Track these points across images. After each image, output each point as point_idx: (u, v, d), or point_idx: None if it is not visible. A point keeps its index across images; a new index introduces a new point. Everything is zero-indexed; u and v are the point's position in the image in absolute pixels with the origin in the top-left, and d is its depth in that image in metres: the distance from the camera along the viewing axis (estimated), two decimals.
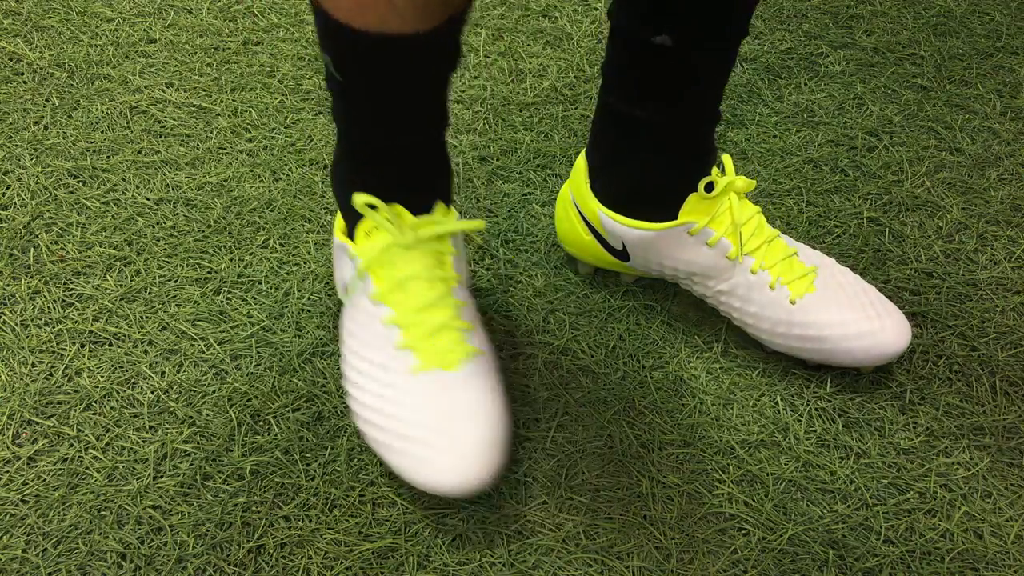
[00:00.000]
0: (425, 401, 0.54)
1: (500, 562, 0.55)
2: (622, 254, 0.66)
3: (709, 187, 0.61)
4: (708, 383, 0.65)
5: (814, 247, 0.74)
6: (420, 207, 0.57)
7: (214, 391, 0.63)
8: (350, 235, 0.60)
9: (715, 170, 0.63)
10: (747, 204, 0.62)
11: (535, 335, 0.67)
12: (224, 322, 0.67)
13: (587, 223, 0.66)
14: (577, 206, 0.67)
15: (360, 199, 0.53)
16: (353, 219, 0.59)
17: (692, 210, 0.62)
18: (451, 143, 0.82)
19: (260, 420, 0.61)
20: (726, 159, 0.62)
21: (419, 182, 0.57)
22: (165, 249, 0.72)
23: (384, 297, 0.56)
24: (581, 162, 0.66)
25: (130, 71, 0.87)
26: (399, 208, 0.56)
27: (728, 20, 0.54)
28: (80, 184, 0.77)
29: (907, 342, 0.61)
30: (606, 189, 0.64)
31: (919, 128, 0.86)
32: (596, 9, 0.98)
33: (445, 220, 0.57)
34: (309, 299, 0.69)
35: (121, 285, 0.69)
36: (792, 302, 0.62)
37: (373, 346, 0.56)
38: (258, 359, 0.65)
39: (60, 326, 0.66)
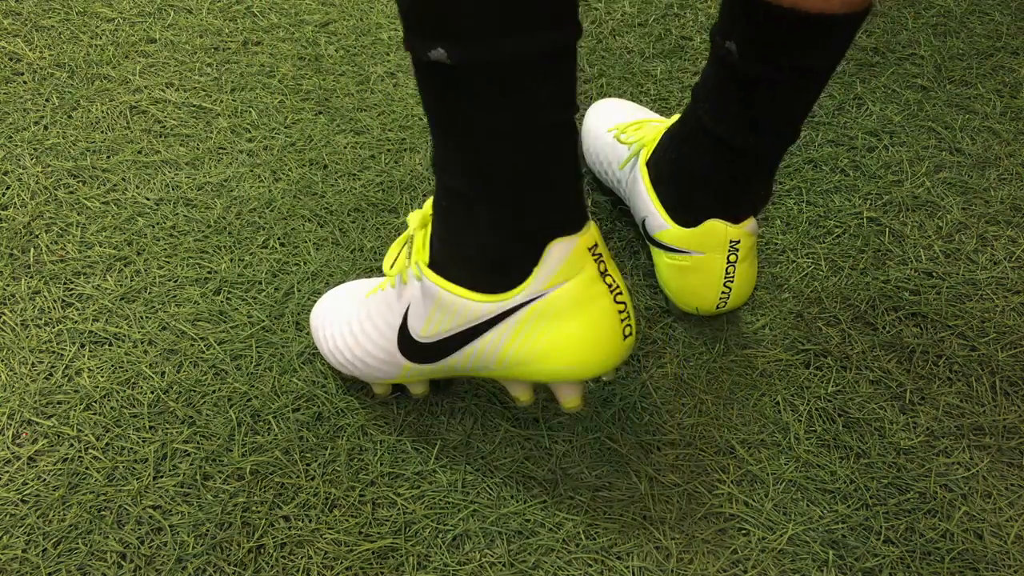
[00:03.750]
0: None
1: (500, 562, 0.55)
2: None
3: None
4: (708, 383, 0.65)
5: (814, 247, 0.74)
6: None
7: (214, 391, 0.63)
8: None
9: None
10: None
11: None
12: (224, 322, 0.67)
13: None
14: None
15: None
16: None
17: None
18: None
19: (260, 420, 0.61)
20: None
21: None
22: (165, 249, 0.72)
23: None
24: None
25: (130, 71, 0.87)
26: None
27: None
28: (80, 184, 0.76)
29: None
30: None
31: (919, 128, 0.86)
32: (596, 9, 0.98)
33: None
34: (309, 299, 0.69)
35: (121, 285, 0.69)
36: None
37: None
38: (258, 359, 0.65)
39: (60, 326, 0.66)
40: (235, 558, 0.55)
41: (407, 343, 0.55)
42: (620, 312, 0.51)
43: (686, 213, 0.64)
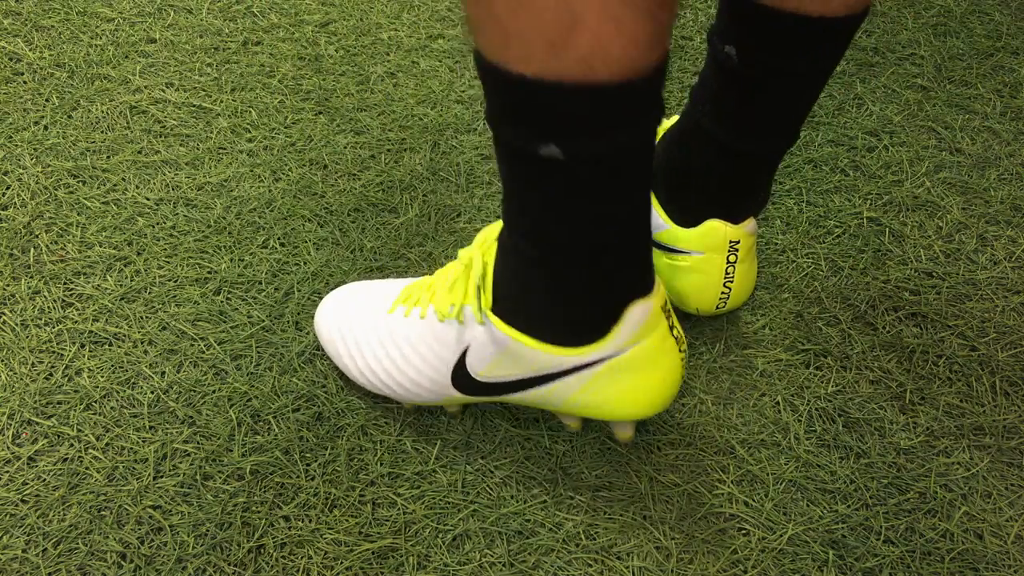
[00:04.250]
0: None
1: (500, 562, 0.55)
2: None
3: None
4: (708, 383, 0.65)
5: (814, 247, 0.74)
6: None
7: (214, 391, 0.63)
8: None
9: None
10: None
11: None
12: (224, 322, 0.67)
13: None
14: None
15: None
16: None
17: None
18: (452, 143, 0.82)
19: (260, 420, 0.61)
20: None
21: None
22: (165, 249, 0.72)
23: None
24: None
25: (130, 71, 0.87)
26: None
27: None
28: (80, 184, 0.77)
29: None
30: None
31: (919, 128, 0.86)
32: None
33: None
34: (309, 299, 0.69)
35: (121, 285, 0.69)
36: None
37: None
38: (258, 359, 0.65)
39: (60, 326, 0.66)
40: (235, 558, 0.55)
41: (463, 379, 0.55)
42: (682, 360, 0.54)
43: (685, 214, 0.64)
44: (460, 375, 0.55)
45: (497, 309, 0.52)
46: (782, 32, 0.51)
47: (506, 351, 0.52)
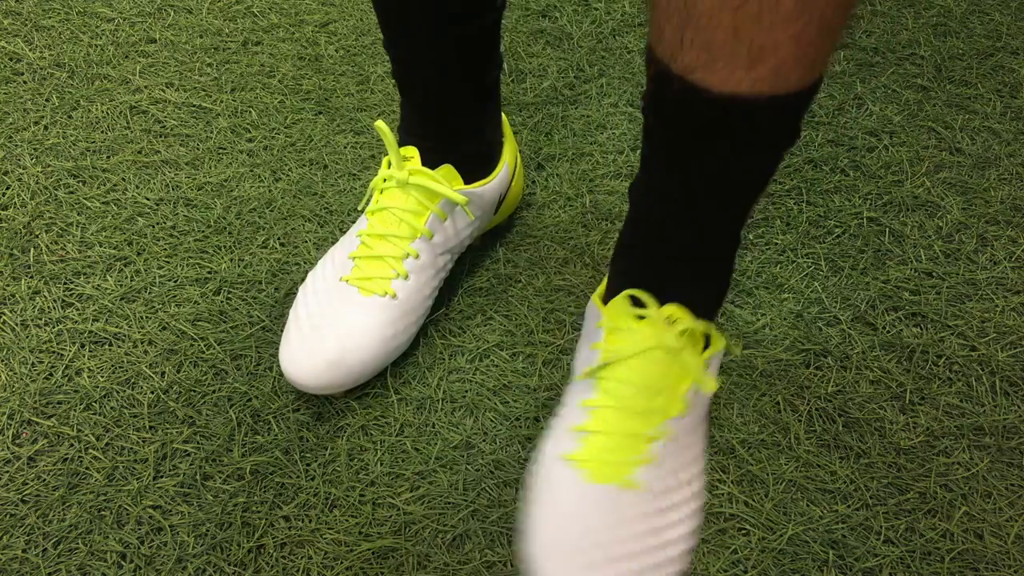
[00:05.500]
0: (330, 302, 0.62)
1: (500, 562, 0.55)
2: None
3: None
4: None
5: (814, 247, 0.74)
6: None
7: (214, 391, 0.63)
8: None
9: None
10: None
11: (535, 335, 0.67)
12: (224, 322, 0.67)
13: None
14: None
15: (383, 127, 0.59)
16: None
17: None
18: None
19: (260, 420, 0.61)
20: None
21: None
22: (165, 249, 0.72)
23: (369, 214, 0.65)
24: None
25: (130, 71, 0.87)
26: (410, 150, 0.63)
27: None
28: (80, 184, 0.77)
29: None
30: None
31: (919, 128, 0.86)
32: (596, 9, 0.98)
33: (438, 178, 0.62)
34: None
35: (121, 285, 0.69)
36: None
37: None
38: (258, 359, 0.65)
39: (60, 326, 0.66)
40: (235, 558, 0.55)
41: None
42: None
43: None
44: None
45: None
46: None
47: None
